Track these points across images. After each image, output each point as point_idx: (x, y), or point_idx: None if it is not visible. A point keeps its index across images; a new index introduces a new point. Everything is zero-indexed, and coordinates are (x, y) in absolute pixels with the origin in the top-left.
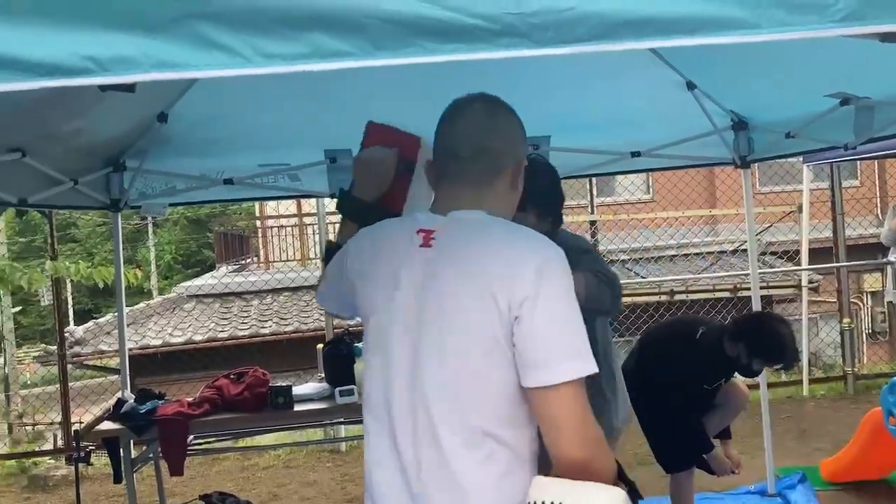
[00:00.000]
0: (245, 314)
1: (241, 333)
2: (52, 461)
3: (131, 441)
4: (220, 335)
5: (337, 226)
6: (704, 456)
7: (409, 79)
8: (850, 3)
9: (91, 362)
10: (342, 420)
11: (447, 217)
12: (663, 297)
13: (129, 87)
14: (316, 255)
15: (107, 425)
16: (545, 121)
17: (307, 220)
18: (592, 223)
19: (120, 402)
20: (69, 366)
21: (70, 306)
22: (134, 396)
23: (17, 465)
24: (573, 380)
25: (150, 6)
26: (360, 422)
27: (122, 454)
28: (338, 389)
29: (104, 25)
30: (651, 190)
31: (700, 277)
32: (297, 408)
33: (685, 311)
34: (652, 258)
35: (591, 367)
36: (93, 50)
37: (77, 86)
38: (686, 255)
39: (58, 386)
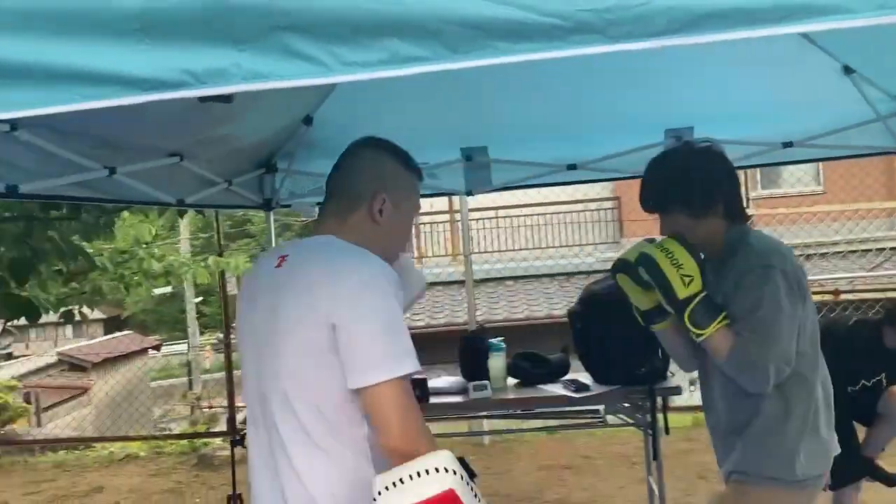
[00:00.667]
0: None
1: None
2: (221, 442)
3: None
4: None
5: (478, 222)
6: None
7: (543, 73)
8: None
9: None
10: (485, 414)
11: (301, 241)
12: (827, 297)
13: (227, 98)
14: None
15: None
16: (688, 111)
17: (458, 216)
18: (748, 218)
19: None
20: (235, 354)
21: None
22: None
23: (190, 444)
24: (388, 380)
25: (241, 21)
26: (502, 416)
27: None
28: (471, 384)
29: (200, 41)
30: (822, 181)
31: (869, 276)
32: (433, 400)
33: (852, 312)
34: (816, 254)
35: (405, 369)
36: (190, 64)
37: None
38: (857, 252)
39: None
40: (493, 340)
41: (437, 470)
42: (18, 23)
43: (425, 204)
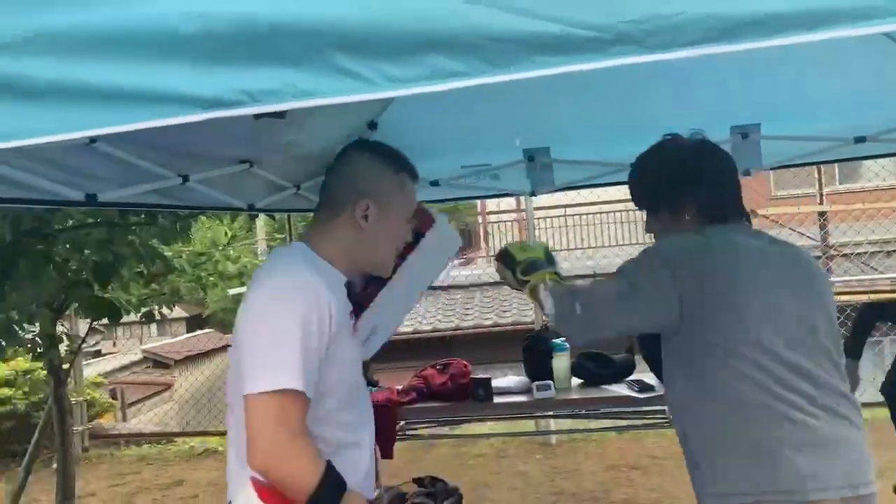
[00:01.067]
0: (468, 306)
1: (464, 324)
2: None
3: None
4: (444, 325)
5: (545, 220)
6: None
7: (605, 73)
8: None
9: None
10: (551, 414)
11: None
12: None
13: (280, 114)
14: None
15: None
16: (755, 107)
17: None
18: (822, 214)
19: None
20: None
21: None
22: None
23: None
24: (254, 392)
25: (290, 42)
26: (569, 416)
27: None
28: (535, 384)
29: (254, 61)
30: None
31: None
32: (497, 400)
33: None
34: None
35: (275, 384)
36: (245, 84)
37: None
38: None
39: None
40: (556, 340)
41: None
42: (92, 49)
43: (492, 203)
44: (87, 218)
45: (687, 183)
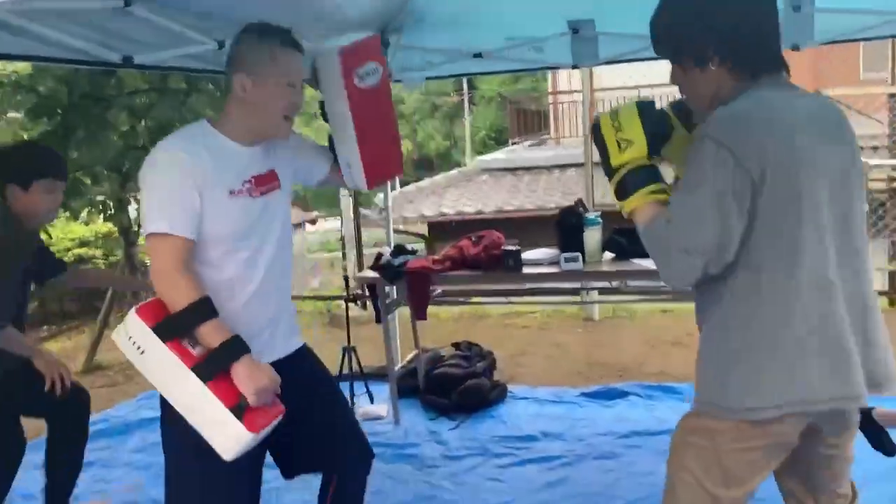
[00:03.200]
0: (533, 188)
1: (528, 206)
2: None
3: (390, 288)
4: (508, 207)
5: (608, 103)
6: None
7: None
8: None
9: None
10: (598, 286)
11: None
12: None
13: None
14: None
15: (369, 274)
16: None
17: (598, 95)
18: (892, 96)
19: (379, 256)
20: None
21: None
22: (390, 251)
23: (324, 305)
24: (154, 233)
25: None
26: (611, 290)
27: (378, 298)
28: (563, 255)
29: None
30: None
31: None
32: (526, 271)
33: None
34: None
35: (160, 228)
36: None
37: None
38: None
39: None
40: (588, 215)
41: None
42: None
43: (564, 83)
44: (142, 85)
45: (708, 26)
